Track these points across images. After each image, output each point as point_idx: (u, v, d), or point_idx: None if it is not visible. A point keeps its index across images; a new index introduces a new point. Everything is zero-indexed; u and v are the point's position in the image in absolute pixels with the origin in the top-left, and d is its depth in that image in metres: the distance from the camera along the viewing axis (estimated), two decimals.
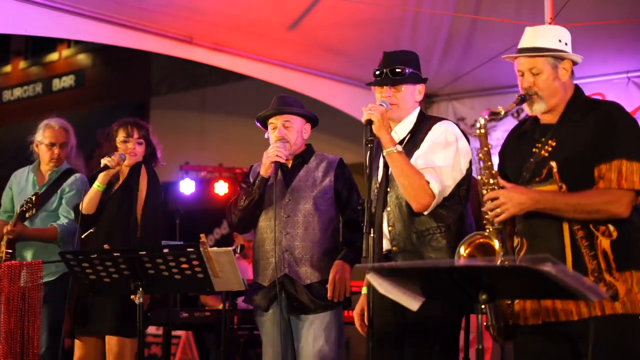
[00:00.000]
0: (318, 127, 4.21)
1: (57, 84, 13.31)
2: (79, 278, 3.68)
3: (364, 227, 3.18)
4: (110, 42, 6.87)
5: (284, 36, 6.73)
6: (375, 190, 3.45)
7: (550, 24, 5.28)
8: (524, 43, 3.15)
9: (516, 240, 3.07)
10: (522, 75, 3.11)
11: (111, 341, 4.26)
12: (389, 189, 3.40)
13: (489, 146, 3.04)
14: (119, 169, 4.44)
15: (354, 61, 7.22)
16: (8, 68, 14.24)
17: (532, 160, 3.05)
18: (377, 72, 3.47)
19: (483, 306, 2.98)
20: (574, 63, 3.12)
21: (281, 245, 3.92)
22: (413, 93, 3.49)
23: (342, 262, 3.92)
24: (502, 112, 3.05)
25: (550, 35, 3.12)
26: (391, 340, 3.34)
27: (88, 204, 4.38)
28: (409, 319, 3.26)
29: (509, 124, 8.03)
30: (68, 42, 13.07)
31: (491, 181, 2.99)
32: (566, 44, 3.13)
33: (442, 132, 3.39)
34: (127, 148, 4.48)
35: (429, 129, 3.41)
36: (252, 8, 6.32)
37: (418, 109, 3.53)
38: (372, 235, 3.17)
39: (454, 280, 2.44)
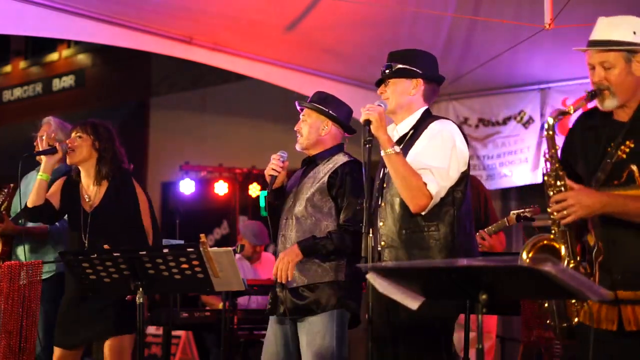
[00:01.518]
0: None
1: (57, 84, 13.30)
2: (79, 278, 3.68)
3: (363, 227, 3.18)
4: (110, 42, 6.89)
5: (284, 36, 6.74)
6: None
7: (550, 25, 5.28)
8: (596, 35, 3.01)
9: (592, 242, 2.96)
10: (593, 69, 2.97)
11: (112, 342, 4.23)
12: (384, 185, 3.42)
13: (557, 148, 2.92)
14: (59, 157, 4.35)
15: (353, 61, 7.23)
16: (8, 68, 14.23)
17: (608, 160, 2.92)
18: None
19: (546, 305, 2.97)
20: None
21: (280, 248, 3.94)
22: (405, 86, 3.48)
23: (297, 244, 3.81)
24: (572, 110, 2.93)
25: (624, 27, 2.99)
26: (384, 341, 3.34)
27: (33, 195, 4.29)
28: (400, 319, 3.26)
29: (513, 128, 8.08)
30: (68, 42, 13.06)
31: (558, 183, 2.89)
32: None
33: (439, 132, 3.37)
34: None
35: (426, 127, 3.40)
36: (252, 8, 6.33)
37: (424, 108, 3.52)
38: (370, 235, 3.17)
39: (454, 280, 2.45)
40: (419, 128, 3.44)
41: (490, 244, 5.02)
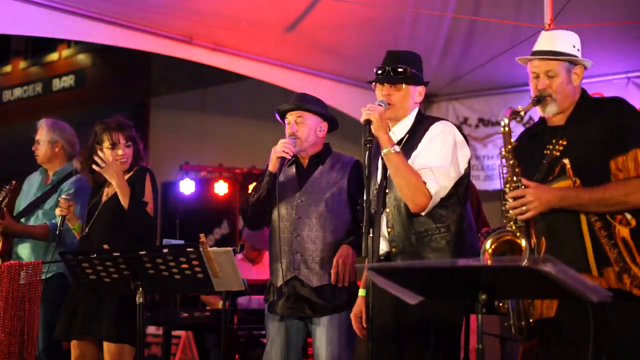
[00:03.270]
0: None
1: (57, 84, 13.30)
2: (79, 278, 3.68)
3: (363, 227, 3.18)
4: (110, 42, 6.88)
5: (283, 36, 6.74)
6: (375, 191, 3.44)
7: (549, 25, 5.29)
8: (540, 46, 3.22)
9: (533, 240, 3.09)
10: (537, 77, 3.17)
11: (110, 348, 4.14)
12: (387, 190, 3.40)
13: (513, 144, 3.09)
14: (72, 210, 4.41)
15: (353, 61, 7.23)
16: (8, 68, 14.23)
17: (544, 161, 3.11)
18: (379, 70, 3.47)
19: (505, 306, 3.06)
20: (584, 68, 3.22)
21: (292, 247, 3.89)
22: (413, 94, 3.47)
23: (347, 246, 3.86)
24: (523, 112, 3.10)
25: (565, 40, 3.21)
26: (390, 341, 3.34)
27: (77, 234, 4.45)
28: (409, 319, 3.26)
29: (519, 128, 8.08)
30: (68, 42, 13.05)
31: (515, 179, 3.04)
32: (578, 49, 3.22)
33: (440, 132, 3.38)
34: (116, 155, 4.33)
35: (427, 129, 3.40)
36: (251, 8, 6.33)
37: (417, 110, 3.52)
38: (371, 235, 3.17)
39: (454, 280, 2.45)
40: (416, 130, 3.44)
41: None
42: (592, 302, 2.78)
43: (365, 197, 3.21)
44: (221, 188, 9.46)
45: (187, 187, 9.14)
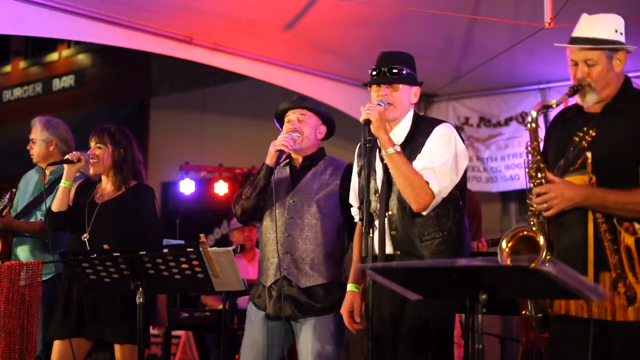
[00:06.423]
0: None
1: (57, 84, 13.30)
2: (79, 278, 3.68)
3: (364, 227, 3.18)
4: (110, 42, 6.88)
5: (284, 36, 6.74)
6: (376, 192, 3.44)
7: (550, 24, 5.28)
8: (579, 32, 3.06)
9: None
10: (576, 65, 3.04)
11: (123, 349, 4.21)
12: (390, 193, 3.39)
13: (539, 140, 3.02)
14: (81, 165, 4.44)
15: (353, 61, 7.23)
16: (8, 68, 14.24)
17: (571, 149, 3.01)
18: (375, 72, 3.46)
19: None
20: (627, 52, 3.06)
21: (283, 247, 3.86)
22: (409, 94, 3.48)
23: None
24: (554, 104, 3.02)
25: (607, 25, 3.05)
26: (388, 341, 3.34)
27: (57, 201, 4.41)
28: (405, 319, 3.27)
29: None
30: (68, 42, 13.06)
31: (539, 175, 2.97)
32: (621, 33, 3.06)
33: (443, 135, 3.39)
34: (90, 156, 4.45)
35: (429, 131, 3.40)
36: (252, 8, 6.33)
37: (412, 111, 3.52)
38: (370, 235, 3.17)
39: (454, 280, 2.45)
40: (416, 131, 3.44)
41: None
42: (592, 301, 2.79)
43: (365, 197, 3.21)
44: (221, 188, 9.46)
45: (187, 187, 9.14)
